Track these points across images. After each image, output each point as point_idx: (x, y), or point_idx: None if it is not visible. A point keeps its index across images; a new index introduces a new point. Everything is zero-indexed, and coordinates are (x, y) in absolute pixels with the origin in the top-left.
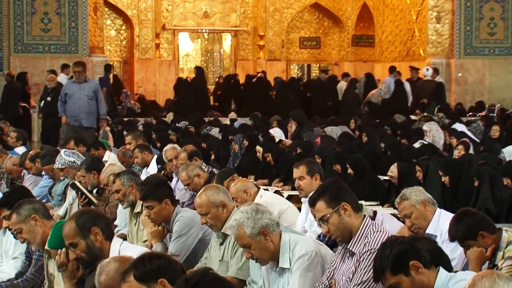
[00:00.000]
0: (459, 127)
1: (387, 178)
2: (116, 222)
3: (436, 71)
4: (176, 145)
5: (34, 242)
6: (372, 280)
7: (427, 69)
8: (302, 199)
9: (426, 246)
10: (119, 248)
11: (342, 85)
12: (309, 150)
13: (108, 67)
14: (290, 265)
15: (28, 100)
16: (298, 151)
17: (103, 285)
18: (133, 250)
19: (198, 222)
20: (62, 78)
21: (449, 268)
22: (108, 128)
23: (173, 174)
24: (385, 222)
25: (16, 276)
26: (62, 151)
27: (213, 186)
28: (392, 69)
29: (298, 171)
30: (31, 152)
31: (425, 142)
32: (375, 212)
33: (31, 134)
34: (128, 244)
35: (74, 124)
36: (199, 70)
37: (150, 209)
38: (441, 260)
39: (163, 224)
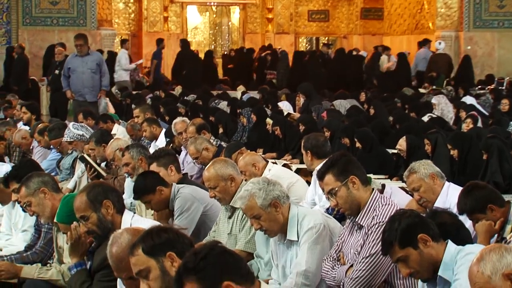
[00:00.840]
0: (468, 100)
1: (395, 151)
2: (124, 196)
3: (425, 42)
4: (185, 118)
5: (43, 215)
6: (380, 253)
7: (440, 43)
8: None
9: (447, 220)
10: (130, 221)
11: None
12: (312, 125)
13: (160, 41)
14: (298, 238)
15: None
16: (301, 127)
17: (114, 256)
18: (144, 224)
19: (197, 197)
20: (122, 53)
21: (470, 242)
22: (107, 99)
23: (182, 148)
24: (394, 196)
25: (25, 249)
26: (71, 124)
27: (222, 160)
28: (425, 42)
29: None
30: (39, 125)
31: (434, 116)
32: (383, 186)
33: (40, 107)
34: (139, 218)
35: (79, 99)
36: (183, 42)
37: (149, 203)
38: (462, 234)
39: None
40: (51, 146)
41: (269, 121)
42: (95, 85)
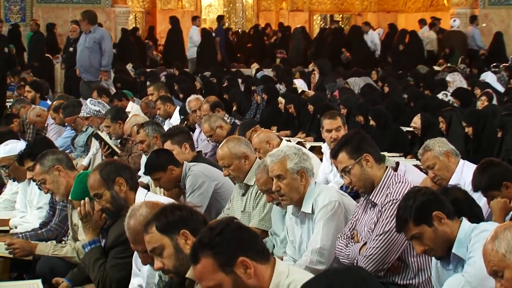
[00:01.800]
0: (489, 76)
1: (410, 129)
2: (140, 173)
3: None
4: (199, 96)
5: (58, 192)
6: (394, 231)
7: (454, 20)
8: (323, 149)
9: (459, 196)
10: (144, 198)
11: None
12: (322, 105)
13: (220, 18)
14: (312, 212)
15: None
16: (311, 107)
17: (131, 229)
18: (159, 200)
19: (208, 175)
20: (194, 30)
21: (482, 219)
22: (109, 81)
23: (196, 125)
24: (408, 173)
25: (40, 226)
26: (88, 100)
27: (235, 138)
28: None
29: (335, 122)
30: (54, 102)
31: (448, 93)
32: (397, 163)
33: (55, 84)
34: (153, 195)
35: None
36: (173, 20)
37: (158, 181)
38: (475, 210)
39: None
40: (66, 124)
41: (281, 100)
42: (92, 64)
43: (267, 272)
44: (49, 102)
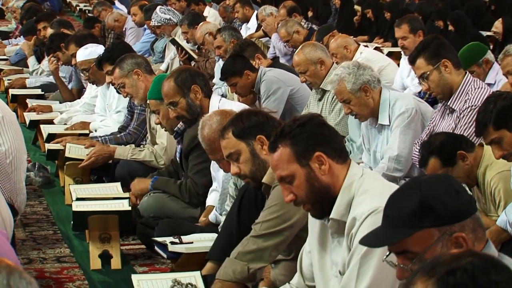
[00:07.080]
0: None
1: (490, 34)
2: (214, 80)
3: None
4: (266, 8)
5: (137, 96)
6: (473, 136)
7: None
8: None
9: None
10: (218, 105)
11: None
12: (399, 11)
13: None
14: (389, 122)
15: None
16: (388, 14)
17: (206, 139)
18: (232, 106)
19: (283, 80)
20: None
21: None
22: None
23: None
24: None
25: (119, 130)
26: (158, 8)
27: (310, 44)
28: None
29: (401, 31)
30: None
31: None
32: None
33: None
34: (227, 101)
35: None
36: None
37: (234, 86)
38: None
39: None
40: (145, 27)
41: (357, 8)
42: None
43: (342, 172)
44: (117, 4)
